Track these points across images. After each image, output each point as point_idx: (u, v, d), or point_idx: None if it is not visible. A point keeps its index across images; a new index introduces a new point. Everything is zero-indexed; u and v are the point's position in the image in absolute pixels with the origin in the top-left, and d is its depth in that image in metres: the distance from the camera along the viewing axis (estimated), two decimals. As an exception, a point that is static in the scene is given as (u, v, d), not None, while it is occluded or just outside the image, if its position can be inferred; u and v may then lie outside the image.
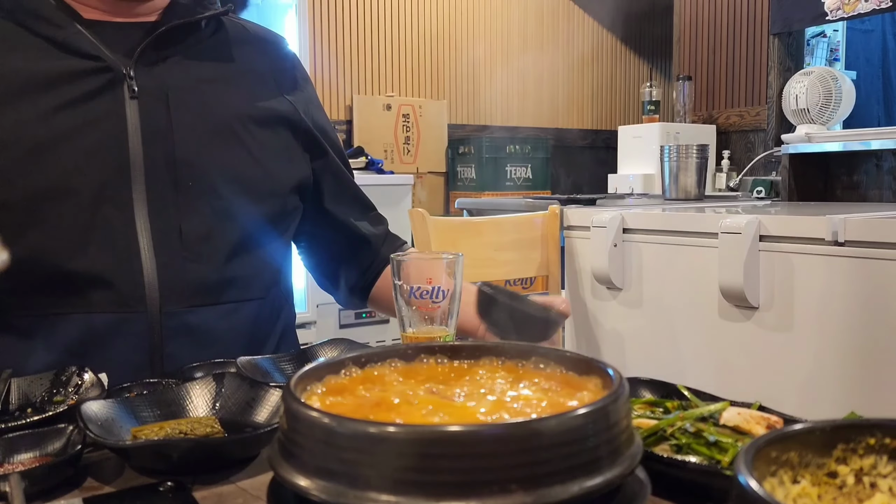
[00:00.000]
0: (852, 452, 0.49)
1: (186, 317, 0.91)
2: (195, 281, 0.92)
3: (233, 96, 1.00)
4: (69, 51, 0.92)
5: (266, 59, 1.07)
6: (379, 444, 0.44)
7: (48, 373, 0.73)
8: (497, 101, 3.95)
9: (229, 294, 0.95)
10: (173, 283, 0.91)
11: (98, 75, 0.91)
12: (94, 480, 0.59)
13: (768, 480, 0.46)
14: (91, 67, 0.91)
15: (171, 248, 0.91)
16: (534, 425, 0.46)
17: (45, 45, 0.92)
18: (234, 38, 1.05)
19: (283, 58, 1.11)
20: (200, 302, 0.93)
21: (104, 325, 0.89)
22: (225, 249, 0.95)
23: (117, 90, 0.92)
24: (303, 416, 0.47)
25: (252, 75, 1.04)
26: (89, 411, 0.61)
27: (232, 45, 1.04)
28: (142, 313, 0.89)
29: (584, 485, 0.46)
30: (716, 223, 1.73)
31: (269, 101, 1.03)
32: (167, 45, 0.97)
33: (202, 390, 0.69)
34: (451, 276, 0.84)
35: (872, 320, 1.51)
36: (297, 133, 1.06)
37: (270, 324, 1.03)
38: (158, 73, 0.95)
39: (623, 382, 0.52)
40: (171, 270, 0.91)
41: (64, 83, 0.90)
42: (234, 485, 0.58)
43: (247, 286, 0.98)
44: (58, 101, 0.89)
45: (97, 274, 0.88)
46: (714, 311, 1.77)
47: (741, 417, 0.61)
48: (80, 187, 0.88)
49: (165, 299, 0.90)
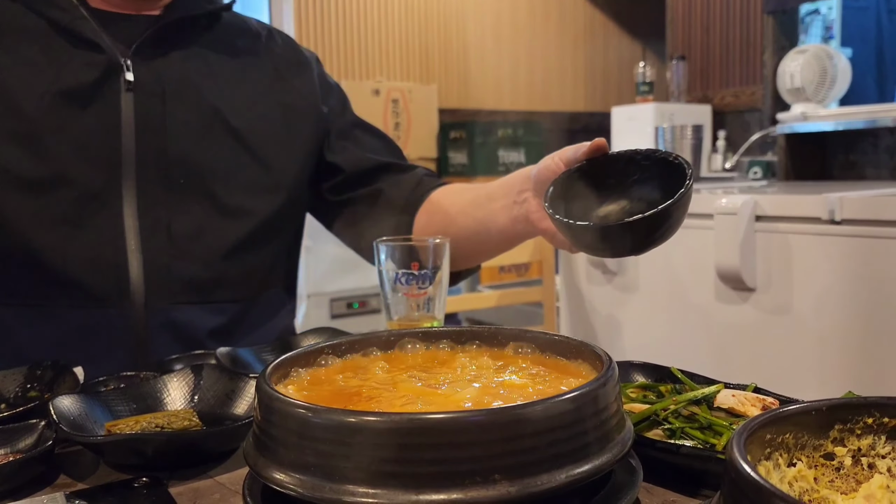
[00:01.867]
0: (850, 433, 0.47)
1: (172, 314, 0.90)
2: (182, 279, 0.90)
3: (233, 92, 0.97)
4: (70, 36, 0.89)
5: (269, 53, 1.04)
6: (355, 435, 0.42)
7: (22, 367, 0.71)
8: (488, 84, 3.92)
9: (218, 293, 0.93)
10: (159, 279, 0.89)
11: (95, 64, 0.89)
12: (67, 477, 0.57)
13: (763, 464, 0.45)
14: (89, 56, 0.89)
15: (158, 245, 0.89)
16: (517, 411, 0.44)
17: (46, 28, 0.89)
18: (236, 32, 1.02)
19: (286, 50, 1.07)
20: (186, 299, 0.91)
21: (88, 319, 0.87)
22: (217, 248, 0.92)
23: (113, 81, 0.89)
24: (276, 407, 0.45)
25: (254, 70, 1.01)
26: (62, 406, 0.59)
27: (233, 41, 1.01)
28: (126, 308, 0.87)
29: (571, 472, 0.44)
30: (711, 204, 1.71)
31: (271, 96, 1.00)
32: (167, 39, 0.94)
33: (180, 383, 0.67)
34: (438, 260, 0.82)
35: (870, 299, 1.49)
36: (304, 124, 1.03)
37: (263, 324, 1.00)
38: (156, 67, 0.92)
39: (612, 365, 0.50)
40: (158, 267, 0.89)
41: (61, 68, 0.88)
42: (211, 479, 0.56)
43: (238, 286, 0.95)
44: (53, 87, 0.87)
45: (82, 267, 0.86)
46: (711, 293, 1.75)
47: (736, 399, 0.59)
48: (69, 178, 0.86)
49: (150, 295, 0.88)
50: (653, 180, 0.72)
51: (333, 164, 1.05)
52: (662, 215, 0.65)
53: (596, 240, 0.69)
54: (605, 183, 0.75)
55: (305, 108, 1.04)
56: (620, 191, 0.74)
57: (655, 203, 0.67)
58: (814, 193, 1.61)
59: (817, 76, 2.54)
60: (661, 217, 0.65)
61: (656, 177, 0.72)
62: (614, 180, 0.74)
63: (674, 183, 0.67)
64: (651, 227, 0.66)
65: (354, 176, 1.05)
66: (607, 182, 0.74)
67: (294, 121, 1.02)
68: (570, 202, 0.74)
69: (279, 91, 1.02)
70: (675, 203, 0.65)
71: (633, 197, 0.73)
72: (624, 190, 0.74)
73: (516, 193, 0.87)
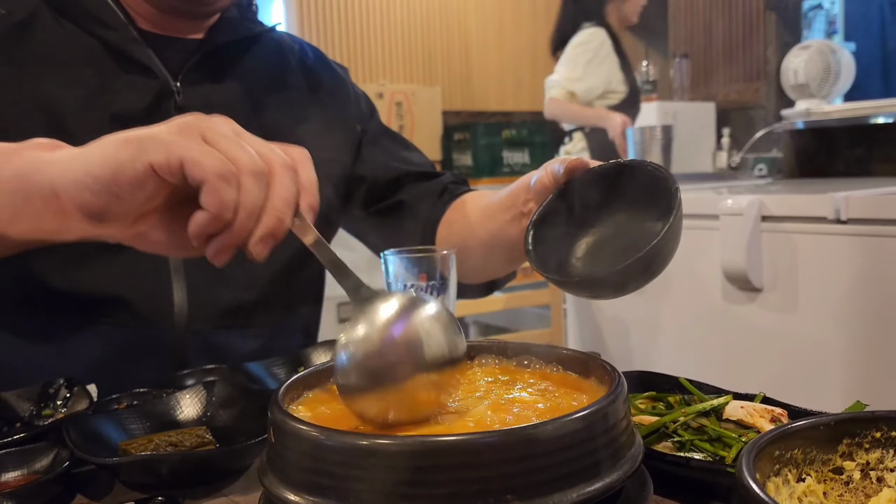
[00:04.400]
0: (858, 447, 0.47)
1: (212, 338, 0.90)
2: (225, 304, 0.91)
3: (274, 114, 0.97)
4: (122, 58, 0.88)
5: (305, 71, 1.04)
6: (368, 458, 0.43)
7: (35, 386, 0.72)
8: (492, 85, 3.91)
9: (260, 318, 0.94)
10: (202, 304, 0.89)
11: (148, 90, 0.88)
12: (83, 497, 0.58)
13: (772, 480, 0.45)
14: (141, 80, 0.88)
15: (201, 271, 0.88)
16: (529, 432, 0.44)
17: (99, 49, 0.88)
18: (274, 50, 1.02)
19: (320, 65, 1.07)
20: (229, 324, 0.91)
21: (131, 338, 0.87)
22: (260, 273, 0.92)
23: (165, 106, 0.89)
24: (289, 429, 0.46)
25: (294, 90, 1.01)
26: (76, 427, 0.59)
27: (272, 60, 1.00)
28: (168, 331, 0.87)
29: (583, 491, 0.44)
30: (716, 204, 1.70)
31: (312, 115, 1.00)
32: (213, 63, 0.94)
33: (192, 399, 0.67)
34: (446, 272, 0.83)
35: (878, 298, 1.49)
36: (342, 141, 1.03)
37: (298, 342, 1.01)
38: (203, 92, 0.92)
39: (621, 381, 0.51)
40: (201, 292, 0.89)
41: (114, 93, 0.87)
42: (226, 498, 0.57)
43: (278, 309, 0.96)
44: (107, 112, 0.86)
45: (125, 290, 0.86)
46: (717, 294, 1.75)
47: (744, 411, 0.60)
48: None
49: (192, 319, 0.88)
50: (641, 194, 0.69)
51: (360, 174, 1.06)
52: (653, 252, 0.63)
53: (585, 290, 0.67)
54: (592, 204, 0.72)
55: (343, 124, 1.04)
56: (609, 211, 0.71)
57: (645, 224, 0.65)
58: (819, 192, 1.60)
59: (821, 71, 2.53)
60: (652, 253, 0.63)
61: (644, 191, 0.69)
62: (604, 197, 0.71)
63: (660, 197, 0.65)
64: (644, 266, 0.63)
65: (378, 185, 1.05)
66: (593, 203, 0.72)
67: (334, 138, 1.02)
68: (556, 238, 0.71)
69: (319, 109, 1.02)
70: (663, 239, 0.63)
71: (620, 221, 0.71)
72: (613, 210, 0.71)
73: (522, 204, 0.87)
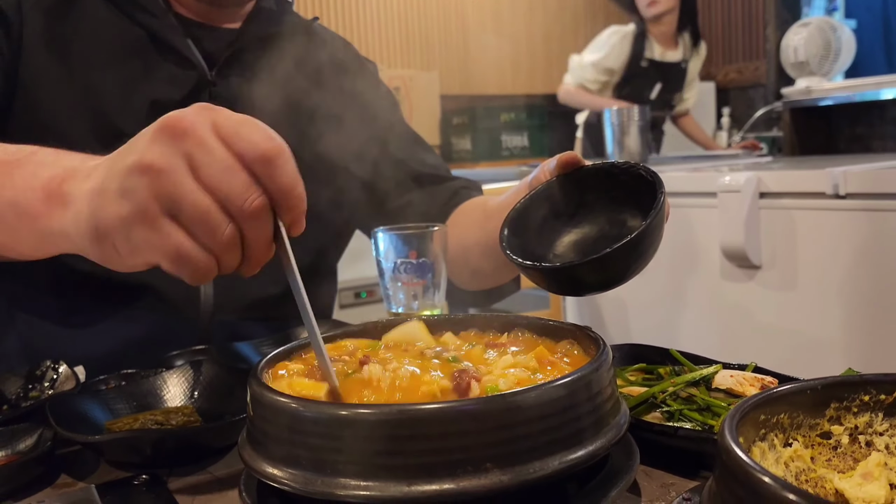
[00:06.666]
0: (846, 411, 0.47)
1: (237, 328, 0.91)
2: (251, 297, 0.91)
3: (306, 110, 0.96)
4: (161, 45, 0.88)
5: (337, 64, 1.03)
6: (345, 428, 0.42)
7: (23, 368, 0.72)
8: (490, 68, 3.88)
9: (284, 309, 0.94)
10: (229, 296, 0.89)
11: (186, 80, 0.88)
12: (68, 477, 0.57)
13: (757, 445, 0.44)
14: (179, 70, 0.88)
15: None
16: (509, 399, 0.43)
17: (141, 36, 0.88)
18: (306, 41, 1.00)
19: (350, 60, 1.07)
20: (255, 315, 0.92)
21: (160, 324, 0.87)
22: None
23: (201, 97, 0.88)
24: (267, 402, 0.45)
25: (327, 82, 1.00)
26: (60, 406, 0.59)
27: (306, 51, 0.99)
28: (194, 320, 0.88)
29: (565, 459, 0.44)
30: (714, 182, 1.69)
31: (344, 107, 0.99)
32: (248, 54, 0.93)
33: (179, 379, 0.67)
34: (437, 248, 0.82)
35: (876, 273, 1.48)
36: (368, 134, 1.02)
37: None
38: (237, 84, 0.91)
39: (606, 349, 0.50)
40: (228, 284, 0.89)
41: (155, 82, 0.87)
42: (210, 475, 0.56)
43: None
44: (147, 101, 0.86)
45: (153, 277, 0.86)
46: (716, 271, 1.74)
47: (734, 380, 0.59)
48: None
49: (219, 309, 0.89)
50: (629, 197, 0.66)
51: (379, 171, 1.05)
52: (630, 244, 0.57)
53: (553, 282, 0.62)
54: (581, 200, 0.69)
55: (372, 122, 1.03)
56: (594, 211, 0.69)
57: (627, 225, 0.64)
58: (818, 168, 1.59)
59: (821, 49, 2.50)
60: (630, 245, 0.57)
61: (631, 193, 0.66)
62: (592, 196, 0.69)
63: (646, 200, 0.61)
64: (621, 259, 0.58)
65: (390, 185, 1.05)
66: (584, 199, 0.69)
67: (361, 135, 1.02)
68: (536, 233, 0.68)
69: (348, 105, 1.01)
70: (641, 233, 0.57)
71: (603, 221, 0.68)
72: (598, 210, 0.68)
73: None
